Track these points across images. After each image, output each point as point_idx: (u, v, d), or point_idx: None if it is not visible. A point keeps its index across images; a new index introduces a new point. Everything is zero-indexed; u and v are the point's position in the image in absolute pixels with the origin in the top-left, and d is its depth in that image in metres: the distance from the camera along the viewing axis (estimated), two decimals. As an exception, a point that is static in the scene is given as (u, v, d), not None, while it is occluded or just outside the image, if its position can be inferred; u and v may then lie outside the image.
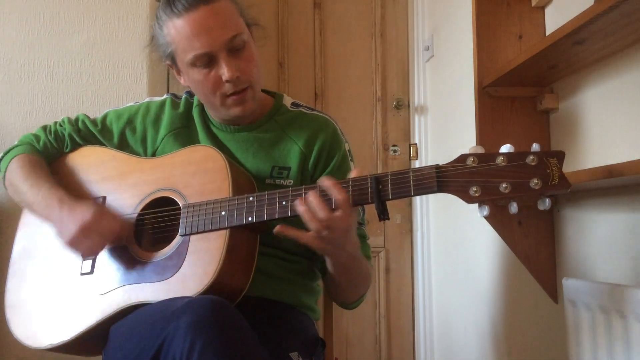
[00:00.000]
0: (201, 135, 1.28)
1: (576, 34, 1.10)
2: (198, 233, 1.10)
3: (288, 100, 1.33)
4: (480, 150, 0.94)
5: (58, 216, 1.16)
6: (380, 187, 0.98)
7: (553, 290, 1.42)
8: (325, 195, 1.00)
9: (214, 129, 1.29)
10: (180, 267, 1.08)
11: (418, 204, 2.58)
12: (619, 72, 1.22)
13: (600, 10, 1.01)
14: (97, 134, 1.32)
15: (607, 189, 1.25)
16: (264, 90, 1.34)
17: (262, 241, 1.14)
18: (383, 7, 2.72)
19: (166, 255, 1.11)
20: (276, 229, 1.02)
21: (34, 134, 1.33)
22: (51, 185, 1.21)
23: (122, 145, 1.31)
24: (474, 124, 1.50)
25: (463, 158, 0.94)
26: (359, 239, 1.15)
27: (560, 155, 0.89)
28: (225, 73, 1.13)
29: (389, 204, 1.00)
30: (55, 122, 1.35)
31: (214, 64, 1.14)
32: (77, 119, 1.34)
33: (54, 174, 1.30)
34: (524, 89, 1.47)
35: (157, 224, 1.18)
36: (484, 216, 0.95)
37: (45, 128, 1.34)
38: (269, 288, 1.19)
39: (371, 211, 1.09)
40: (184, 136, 1.28)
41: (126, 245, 1.17)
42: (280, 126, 1.27)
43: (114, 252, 1.17)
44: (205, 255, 1.07)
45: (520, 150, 0.92)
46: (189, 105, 1.32)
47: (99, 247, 1.15)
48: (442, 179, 0.94)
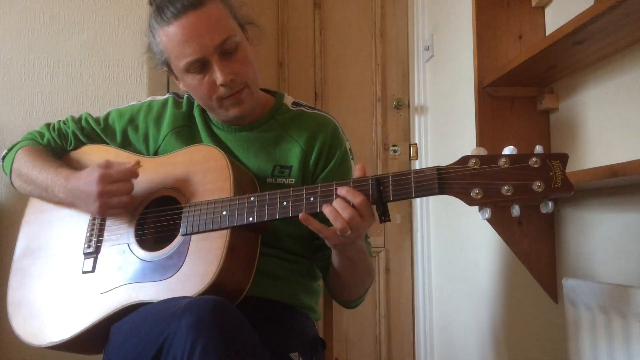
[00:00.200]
0: (203, 134, 1.28)
1: (576, 34, 1.10)
2: (199, 233, 1.10)
3: (289, 100, 1.33)
4: (483, 152, 0.93)
5: (71, 195, 1.18)
6: (381, 189, 0.98)
7: (553, 290, 1.42)
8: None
9: (215, 129, 1.29)
10: (181, 267, 1.08)
11: (418, 204, 2.58)
12: (619, 72, 1.22)
13: (600, 10, 1.01)
14: (100, 133, 1.33)
15: (607, 189, 1.25)
16: (265, 90, 1.34)
17: (263, 241, 1.14)
18: (383, 7, 2.72)
19: (167, 255, 1.12)
20: (301, 216, 1.01)
21: (38, 131, 1.35)
22: (58, 166, 1.25)
23: (125, 144, 1.32)
24: (474, 124, 1.50)
25: (465, 160, 0.93)
26: None
27: (564, 158, 0.88)
28: (219, 77, 1.13)
29: (389, 204, 1.00)
30: (59, 120, 1.36)
31: (208, 69, 1.14)
32: (81, 117, 1.36)
33: None
34: (524, 89, 1.47)
35: (159, 223, 1.18)
36: (486, 219, 0.94)
37: (48, 126, 1.35)
38: (270, 288, 1.19)
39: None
40: (186, 135, 1.29)
41: (127, 244, 1.17)
42: (281, 125, 1.27)
43: (116, 251, 1.17)
44: (206, 255, 1.07)
45: (523, 152, 0.91)
46: (190, 104, 1.32)
47: (126, 192, 1.15)
48: (444, 181, 0.93)
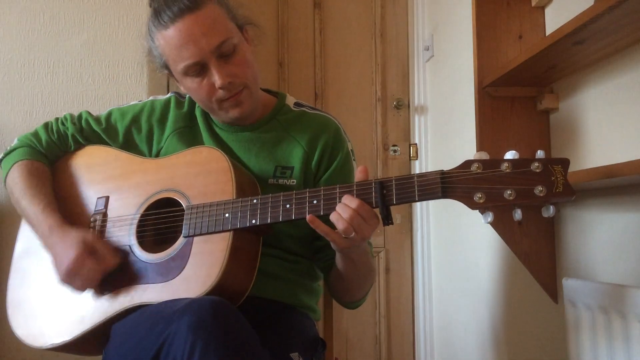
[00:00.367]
0: (204, 135, 1.28)
1: (576, 34, 1.10)
2: (201, 235, 1.10)
3: (291, 100, 1.33)
4: (485, 156, 0.94)
5: (51, 247, 1.17)
6: (384, 192, 0.99)
7: (553, 290, 1.42)
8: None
9: (216, 129, 1.29)
10: (184, 269, 1.08)
11: (418, 204, 2.58)
12: (619, 72, 1.22)
13: (600, 10, 1.01)
14: (102, 133, 1.31)
15: (607, 189, 1.25)
16: (267, 90, 1.34)
17: (263, 241, 1.14)
18: (383, 7, 2.72)
19: (169, 257, 1.11)
20: (309, 217, 1.02)
21: (34, 133, 1.31)
22: (45, 206, 1.20)
23: (128, 144, 1.31)
24: (474, 124, 1.51)
25: (467, 164, 0.94)
26: None
27: (565, 163, 0.89)
28: (217, 80, 1.13)
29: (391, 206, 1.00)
30: (57, 120, 1.33)
31: (206, 72, 1.14)
32: (80, 117, 1.33)
33: (57, 174, 1.30)
34: (524, 89, 1.47)
35: (160, 225, 1.18)
36: (489, 222, 0.94)
37: (46, 126, 1.32)
38: (270, 288, 1.19)
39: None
40: (188, 135, 1.28)
41: (129, 246, 1.17)
42: (282, 126, 1.27)
43: (117, 253, 1.16)
44: (209, 257, 1.07)
45: (523, 153, 0.92)
46: (192, 104, 1.31)
47: (89, 285, 1.14)
48: (447, 185, 0.94)
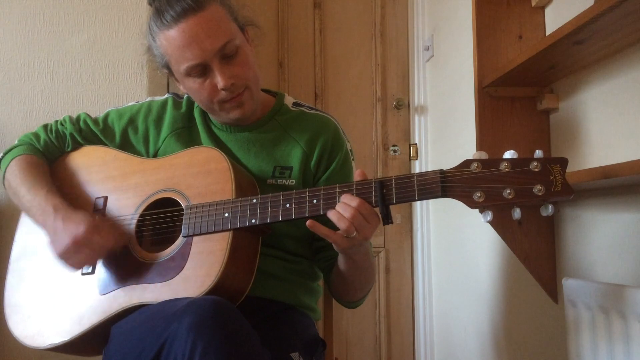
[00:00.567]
0: (203, 135, 1.28)
1: (576, 34, 1.10)
2: (201, 234, 1.10)
3: (289, 100, 1.33)
4: (484, 155, 0.95)
5: (52, 225, 1.14)
6: (384, 192, 0.99)
7: (553, 290, 1.42)
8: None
9: (215, 130, 1.29)
10: (183, 269, 1.08)
11: (418, 204, 2.58)
12: (619, 72, 1.22)
13: (600, 10, 1.01)
14: (99, 134, 1.32)
15: (607, 189, 1.25)
16: (266, 90, 1.34)
17: (263, 242, 1.14)
18: (383, 7, 2.72)
19: (169, 257, 1.11)
20: (309, 223, 1.02)
21: (34, 133, 1.32)
22: (48, 190, 1.20)
23: (125, 145, 1.31)
24: (474, 124, 1.51)
25: (467, 163, 0.94)
26: None
27: (564, 162, 0.90)
28: (220, 82, 1.13)
29: (391, 205, 1.00)
30: (57, 121, 1.34)
31: (208, 73, 1.14)
32: (79, 117, 1.34)
33: (55, 174, 1.30)
34: (524, 89, 1.47)
35: (159, 225, 1.18)
36: (488, 221, 0.95)
37: (45, 127, 1.33)
38: (270, 288, 1.19)
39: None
40: (186, 136, 1.28)
41: (128, 246, 1.16)
42: (281, 126, 1.27)
43: (116, 253, 1.16)
44: (208, 257, 1.07)
45: (523, 155, 0.93)
46: (190, 105, 1.31)
47: (89, 262, 1.14)
48: (447, 184, 0.95)
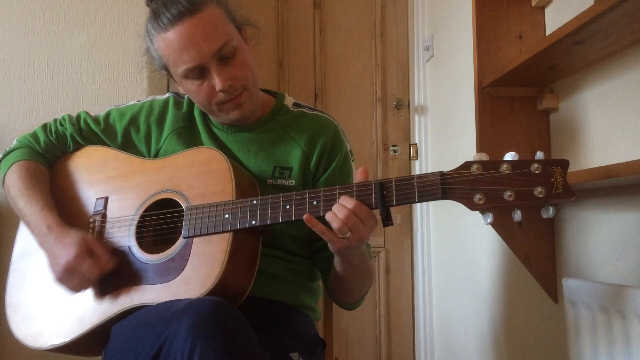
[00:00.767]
0: (203, 135, 1.28)
1: (576, 34, 1.10)
2: (201, 235, 1.10)
3: (290, 100, 1.33)
4: (485, 157, 0.94)
5: (48, 249, 1.16)
6: (384, 193, 0.99)
7: (553, 290, 1.42)
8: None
9: (215, 130, 1.29)
10: (183, 270, 1.08)
11: (418, 204, 2.58)
12: (619, 72, 1.22)
13: (600, 10, 1.01)
14: (100, 134, 1.31)
15: (607, 189, 1.25)
16: (266, 90, 1.34)
17: (263, 242, 1.14)
18: (383, 7, 2.72)
19: (169, 257, 1.11)
20: (306, 216, 1.02)
21: (32, 134, 1.31)
22: (43, 206, 1.20)
23: (126, 145, 1.30)
24: (474, 124, 1.50)
25: (467, 165, 0.94)
26: None
27: (565, 164, 0.89)
28: (218, 83, 1.13)
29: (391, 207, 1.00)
30: (56, 120, 1.33)
31: (206, 75, 1.14)
32: (79, 117, 1.33)
33: (56, 174, 1.30)
34: (524, 89, 1.47)
35: (160, 225, 1.18)
36: (489, 223, 0.95)
37: (45, 127, 1.32)
38: (270, 288, 1.19)
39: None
40: (187, 136, 1.28)
41: (128, 246, 1.17)
42: (281, 126, 1.27)
43: (116, 254, 1.17)
44: (209, 258, 1.07)
45: (524, 156, 0.92)
46: (191, 104, 1.31)
47: (84, 286, 1.14)
48: (447, 186, 0.94)
